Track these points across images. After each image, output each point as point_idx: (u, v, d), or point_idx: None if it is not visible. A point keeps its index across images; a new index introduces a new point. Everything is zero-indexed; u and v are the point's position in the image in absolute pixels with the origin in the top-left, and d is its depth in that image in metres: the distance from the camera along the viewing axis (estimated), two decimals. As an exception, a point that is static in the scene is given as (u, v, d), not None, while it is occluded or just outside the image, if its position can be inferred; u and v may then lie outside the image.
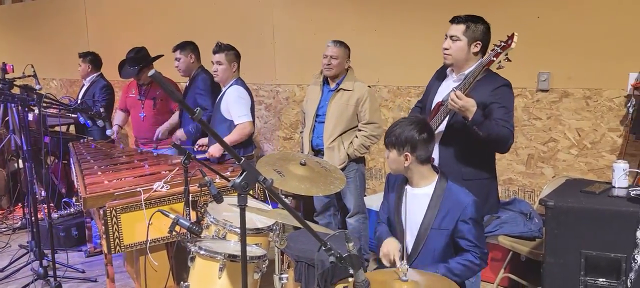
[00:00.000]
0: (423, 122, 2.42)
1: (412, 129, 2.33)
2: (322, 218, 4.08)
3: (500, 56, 2.51)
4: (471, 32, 2.67)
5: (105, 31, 6.96)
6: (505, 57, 2.51)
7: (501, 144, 2.61)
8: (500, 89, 2.64)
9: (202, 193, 3.18)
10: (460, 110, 2.52)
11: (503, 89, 2.65)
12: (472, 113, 2.49)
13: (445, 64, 2.81)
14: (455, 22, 2.71)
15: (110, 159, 4.05)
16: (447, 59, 2.74)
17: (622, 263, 2.43)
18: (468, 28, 2.67)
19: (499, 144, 2.61)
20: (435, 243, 2.33)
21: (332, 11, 4.78)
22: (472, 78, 2.56)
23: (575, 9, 3.54)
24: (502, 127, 2.55)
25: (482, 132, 2.50)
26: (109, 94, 5.25)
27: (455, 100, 2.50)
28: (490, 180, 2.80)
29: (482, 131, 2.50)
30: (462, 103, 2.49)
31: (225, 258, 2.29)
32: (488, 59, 2.55)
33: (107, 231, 3.07)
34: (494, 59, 2.52)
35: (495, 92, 2.62)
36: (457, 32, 2.68)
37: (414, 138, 2.31)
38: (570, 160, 3.69)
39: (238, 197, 1.51)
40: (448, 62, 2.75)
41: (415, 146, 2.32)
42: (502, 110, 2.59)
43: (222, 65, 3.88)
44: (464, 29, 2.67)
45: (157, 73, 1.26)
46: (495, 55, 2.52)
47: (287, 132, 5.35)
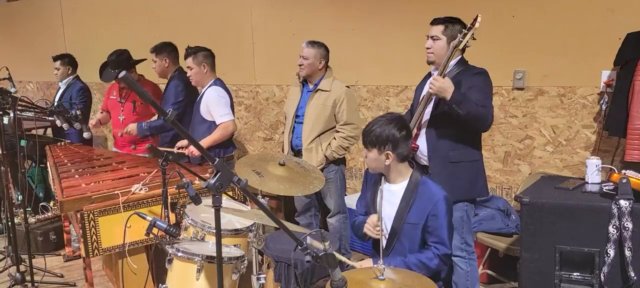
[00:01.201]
0: (401, 119, 2.46)
1: (392, 127, 2.35)
2: (303, 219, 4.08)
3: (467, 37, 2.73)
4: (449, 31, 2.88)
5: (82, 33, 6.88)
6: (472, 37, 2.75)
7: (481, 122, 2.79)
8: (475, 75, 2.85)
9: (181, 195, 3.17)
10: (438, 92, 2.70)
11: (478, 75, 2.86)
12: (449, 93, 2.67)
13: (427, 61, 2.99)
14: (435, 23, 2.93)
15: (88, 162, 4.01)
16: (430, 57, 2.96)
17: (596, 257, 2.47)
18: (447, 28, 2.88)
19: (479, 121, 2.78)
20: (409, 237, 2.36)
21: (311, 12, 4.79)
22: (446, 60, 2.78)
23: (550, 9, 3.59)
24: (480, 107, 2.73)
25: (461, 110, 2.68)
26: (87, 96, 5.19)
27: (434, 83, 2.70)
28: (478, 162, 2.97)
29: (461, 109, 2.68)
30: (439, 84, 2.68)
31: (203, 259, 2.28)
32: (457, 41, 2.77)
33: (85, 235, 3.04)
34: (462, 39, 2.74)
35: (471, 78, 2.82)
36: (437, 32, 2.90)
37: (395, 136, 2.34)
38: (546, 157, 3.74)
39: (212, 198, 1.51)
40: (430, 60, 2.96)
41: (397, 144, 2.35)
42: (478, 93, 2.77)
43: (193, 69, 3.88)
44: (443, 28, 2.89)
45: (126, 75, 1.25)
46: (463, 36, 2.74)
47: (267, 132, 5.35)
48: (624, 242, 2.35)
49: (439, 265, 2.35)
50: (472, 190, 2.95)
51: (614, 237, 2.38)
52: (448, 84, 2.68)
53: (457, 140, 2.87)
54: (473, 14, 3.49)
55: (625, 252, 2.35)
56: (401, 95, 4.35)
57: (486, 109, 2.77)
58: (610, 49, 3.29)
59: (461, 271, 2.95)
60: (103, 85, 6.21)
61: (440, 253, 2.34)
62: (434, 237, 2.35)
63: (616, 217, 2.37)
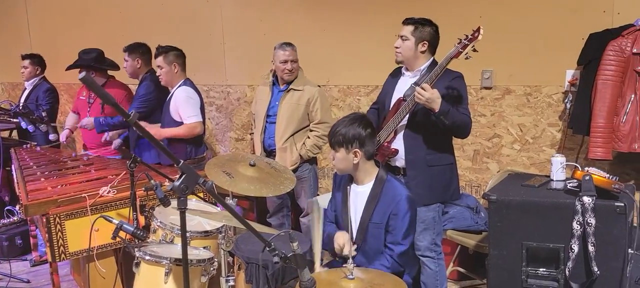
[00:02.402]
0: (365, 117, 2.51)
1: (357, 126, 2.38)
2: (275, 219, 4.07)
3: (468, 48, 2.69)
4: (419, 32, 2.89)
5: (49, 32, 6.72)
6: (473, 49, 2.70)
7: (462, 130, 2.85)
8: (455, 80, 2.86)
9: (150, 197, 3.13)
10: (426, 102, 2.68)
11: (457, 80, 2.88)
12: (438, 104, 2.66)
13: (396, 61, 3.01)
14: (406, 24, 2.94)
15: (54, 165, 3.92)
16: (397, 56, 2.97)
17: (561, 253, 2.52)
18: (416, 29, 2.89)
19: (461, 130, 2.84)
20: (375, 237, 2.38)
21: (281, 12, 4.78)
22: (439, 69, 2.75)
23: (516, 9, 3.66)
24: (463, 114, 2.77)
25: (447, 121, 2.70)
26: (53, 97, 5.07)
27: (422, 93, 2.66)
28: (453, 166, 3.03)
29: (448, 120, 2.69)
30: (428, 95, 2.65)
31: (171, 262, 2.26)
32: (455, 51, 2.73)
33: (51, 239, 2.98)
34: (461, 50, 2.70)
35: (450, 83, 2.84)
36: (407, 32, 2.91)
37: (361, 134, 2.37)
38: (513, 155, 3.81)
39: (178, 201, 1.49)
40: (398, 59, 2.98)
41: (363, 142, 2.38)
42: (460, 100, 2.81)
43: (163, 69, 3.83)
44: (413, 29, 2.90)
45: (87, 75, 1.23)
46: (463, 47, 2.70)
47: (239, 133, 5.32)
48: (587, 238, 2.40)
49: (394, 267, 2.37)
50: (447, 193, 3.01)
51: (578, 233, 2.44)
52: (436, 94, 2.67)
53: (434, 144, 2.91)
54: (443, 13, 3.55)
55: (588, 247, 2.41)
56: (372, 95, 4.37)
57: (468, 117, 2.83)
58: (574, 49, 3.36)
59: (430, 271, 2.98)
60: (70, 85, 6.11)
61: (394, 254, 2.36)
62: (392, 236, 2.37)
63: (580, 213, 2.42)
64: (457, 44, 2.74)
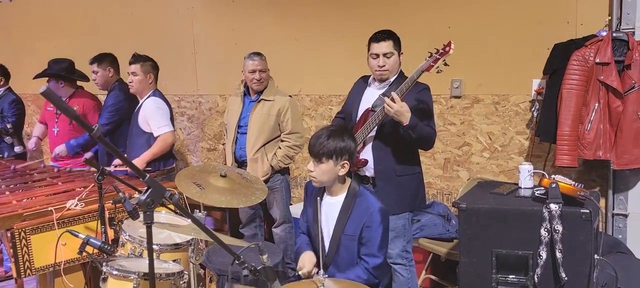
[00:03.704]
0: (350, 131, 2.49)
1: (347, 138, 2.38)
2: (247, 230, 4.04)
3: (439, 62, 2.70)
4: (397, 44, 2.92)
5: (14, 42, 6.57)
6: (444, 63, 2.71)
7: (428, 143, 2.89)
8: (422, 92, 2.88)
9: (119, 210, 3.07)
10: (395, 115, 2.68)
11: (424, 92, 2.90)
12: (407, 118, 2.67)
13: (380, 79, 2.97)
14: (383, 40, 2.89)
15: (20, 177, 3.82)
16: (384, 74, 2.93)
17: (529, 259, 2.55)
18: (395, 42, 2.90)
19: (426, 143, 2.88)
20: (347, 249, 2.37)
21: (252, 21, 4.77)
22: (410, 82, 2.74)
23: (484, 20, 3.72)
24: (428, 128, 2.81)
25: (414, 135, 2.71)
26: (19, 108, 4.94)
27: (392, 105, 2.66)
28: (420, 174, 3.07)
29: (415, 133, 2.71)
30: (397, 107, 2.66)
31: (140, 277, 2.21)
32: (427, 64, 2.73)
33: (16, 254, 2.89)
34: (433, 64, 2.71)
35: (418, 95, 2.85)
36: (389, 48, 2.88)
37: (351, 146, 2.37)
38: (483, 163, 3.87)
39: (144, 215, 1.47)
40: (384, 77, 2.94)
41: (352, 155, 2.37)
42: (426, 113, 2.84)
43: (137, 76, 3.78)
44: (393, 43, 2.89)
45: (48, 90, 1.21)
46: (434, 61, 2.70)
47: (211, 143, 5.28)
48: (554, 244, 2.44)
49: (369, 279, 2.36)
50: (415, 201, 3.05)
51: (546, 240, 2.47)
52: (406, 108, 2.68)
53: (403, 155, 2.93)
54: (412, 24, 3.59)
55: (556, 253, 2.44)
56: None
57: (433, 130, 2.88)
58: (540, 59, 3.44)
59: (402, 278, 3.00)
60: (38, 96, 5.97)
61: (369, 266, 2.35)
62: (366, 248, 2.36)
63: (547, 220, 2.45)
64: (428, 58, 2.74)
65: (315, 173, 2.38)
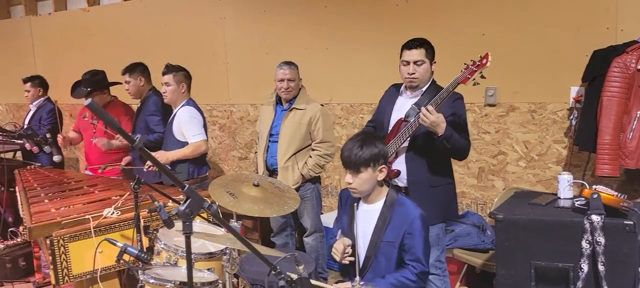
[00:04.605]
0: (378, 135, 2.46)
1: (379, 143, 2.36)
2: (279, 239, 4.04)
3: (475, 74, 2.66)
4: (430, 53, 2.88)
5: (53, 54, 6.76)
6: (480, 75, 2.67)
7: (462, 154, 2.85)
8: (456, 102, 2.84)
9: (154, 218, 3.10)
10: (430, 126, 2.65)
11: (458, 102, 2.86)
12: (442, 129, 2.64)
13: (410, 86, 2.94)
14: (415, 47, 2.86)
15: (58, 186, 3.91)
16: (414, 82, 2.89)
17: (570, 272, 2.49)
18: (427, 50, 2.86)
19: (461, 154, 2.84)
20: (385, 256, 2.35)
21: (284, 30, 4.80)
22: (445, 94, 2.71)
23: (518, 27, 3.66)
24: (463, 139, 2.77)
25: (449, 146, 2.68)
26: (56, 117, 5.08)
27: (427, 116, 2.63)
28: (452, 186, 3.02)
29: (449, 144, 2.67)
30: (433, 118, 2.63)
31: (175, 285, 2.23)
32: (463, 76, 2.69)
33: (55, 261, 2.95)
34: (469, 76, 2.67)
35: (452, 105, 2.81)
36: (421, 56, 2.85)
37: (384, 151, 2.36)
38: (519, 172, 3.79)
39: (183, 225, 1.47)
40: (414, 85, 2.91)
41: (387, 157, 2.38)
42: (461, 124, 2.81)
43: (170, 86, 3.83)
44: (425, 52, 2.86)
45: (93, 102, 1.22)
46: (470, 73, 2.66)
47: (242, 151, 5.31)
48: (597, 257, 2.37)
49: (417, 283, 2.34)
50: (448, 212, 3.02)
51: (587, 252, 2.41)
52: (441, 118, 2.64)
53: (436, 165, 2.90)
54: (445, 32, 3.54)
55: (598, 266, 2.37)
56: (376, 113, 4.37)
57: (468, 141, 2.84)
58: (578, 66, 3.36)
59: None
60: (75, 106, 6.12)
61: (417, 272, 2.33)
62: (410, 255, 2.34)
63: (589, 232, 2.39)
64: (464, 69, 2.70)
65: (354, 185, 2.34)
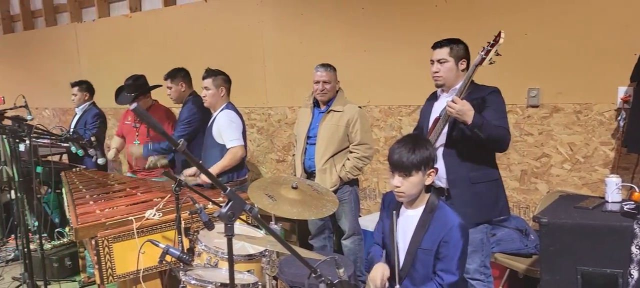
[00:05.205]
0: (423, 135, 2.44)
1: (429, 145, 2.32)
2: (317, 241, 4.05)
3: (491, 53, 2.64)
4: (455, 52, 2.85)
5: (97, 59, 6.96)
6: (496, 53, 2.65)
7: (500, 143, 2.75)
8: (489, 95, 2.80)
9: (194, 220, 3.15)
10: (458, 115, 2.63)
11: (492, 95, 2.81)
12: (470, 116, 2.60)
13: (436, 85, 2.95)
14: (438, 47, 2.88)
15: (102, 188, 4.02)
16: (438, 80, 2.90)
17: (619, 278, 2.41)
18: (452, 49, 2.85)
19: (498, 143, 2.75)
20: (423, 264, 2.31)
21: (321, 33, 4.81)
22: (466, 80, 2.70)
23: (562, 26, 3.56)
24: (498, 127, 2.69)
25: (482, 134, 2.62)
26: (101, 121, 5.23)
27: (453, 106, 2.61)
28: (498, 181, 2.92)
29: (483, 132, 2.62)
30: (458, 107, 2.60)
31: (216, 287, 2.26)
32: (479, 59, 2.67)
33: (99, 261, 3.03)
34: (484, 56, 2.65)
35: (486, 98, 2.78)
36: (443, 54, 2.85)
37: (434, 154, 2.33)
38: (563, 175, 3.68)
39: (225, 228, 1.49)
40: (439, 83, 2.91)
41: (435, 161, 2.35)
42: (495, 113, 2.74)
43: (210, 91, 3.89)
44: (449, 50, 2.85)
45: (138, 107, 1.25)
46: (486, 53, 2.65)
47: (280, 154, 5.34)
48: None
49: None
50: (494, 210, 2.90)
51: (638, 258, 2.31)
52: (467, 106, 2.61)
53: (477, 160, 2.83)
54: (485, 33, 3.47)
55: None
56: (414, 115, 4.32)
57: (505, 129, 2.75)
58: (626, 65, 3.24)
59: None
60: (117, 110, 6.28)
61: (444, 283, 2.26)
62: (442, 264, 2.27)
63: (639, 237, 2.30)
64: (481, 52, 2.69)
65: (403, 188, 2.29)
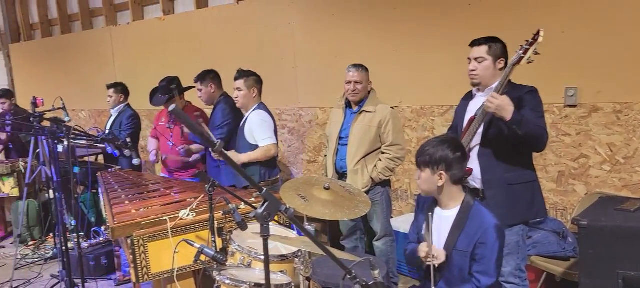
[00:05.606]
0: (456, 140, 2.43)
1: (446, 148, 2.31)
2: (348, 242, 4.03)
3: (529, 52, 2.61)
4: (493, 50, 2.81)
5: (131, 62, 7.10)
6: (534, 52, 2.61)
7: (538, 142, 2.70)
8: (526, 95, 2.75)
9: (228, 220, 3.18)
10: (497, 111, 2.60)
11: (529, 94, 2.76)
12: (509, 112, 2.57)
13: (472, 83, 2.92)
14: (477, 45, 2.85)
15: (137, 188, 4.08)
16: (475, 79, 2.87)
17: (663, 283, 2.33)
18: (490, 48, 2.81)
19: (536, 141, 2.69)
20: (458, 266, 2.28)
21: (352, 33, 4.79)
22: (504, 78, 2.67)
23: (601, 23, 3.47)
24: (536, 126, 2.65)
25: (521, 131, 2.58)
26: (135, 123, 5.33)
27: (492, 101, 2.59)
28: (534, 183, 2.86)
29: (521, 129, 2.58)
30: (498, 102, 2.57)
31: (251, 287, 2.27)
32: (517, 57, 2.64)
33: (135, 260, 3.08)
34: (523, 55, 2.62)
35: (524, 97, 2.73)
36: (481, 53, 2.82)
37: (448, 156, 2.30)
38: (603, 177, 3.58)
39: (261, 228, 1.49)
40: (476, 82, 2.88)
41: (451, 165, 2.31)
42: (532, 112, 2.69)
43: (242, 91, 3.92)
44: (487, 49, 2.81)
45: (176, 108, 1.26)
46: (524, 52, 2.62)
47: (311, 155, 5.35)
48: (694, 268, 2.20)
49: None
50: (530, 212, 2.84)
51: (683, 262, 2.24)
52: (507, 101, 2.58)
53: (512, 161, 2.77)
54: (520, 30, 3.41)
55: (695, 278, 2.20)
56: (446, 115, 4.27)
57: (543, 128, 2.70)
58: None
59: (515, 299, 2.83)
60: (151, 111, 6.39)
61: (481, 285, 2.24)
62: (479, 266, 2.25)
63: (684, 241, 2.22)
64: (519, 50, 2.65)
65: (419, 182, 2.41)
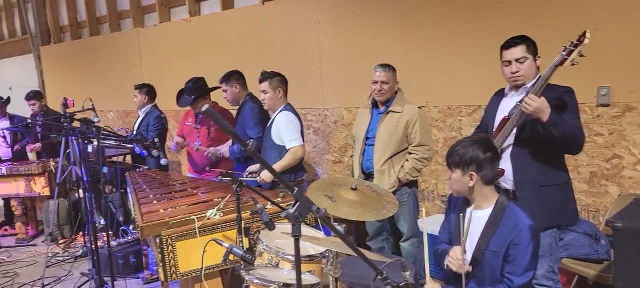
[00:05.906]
0: (487, 141, 2.39)
1: (477, 148, 2.29)
2: (375, 243, 4.01)
3: (574, 54, 2.54)
4: (531, 49, 2.76)
5: (158, 63, 7.19)
6: (579, 54, 2.54)
7: (575, 144, 2.65)
8: (565, 94, 2.70)
9: (255, 220, 3.19)
10: (534, 113, 2.56)
11: (568, 94, 2.71)
12: (547, 114, 2.53)
13: (515, 86, 2.84)
14: (513, 46, 2.77)
15: (165, 188, 4.13)
16: (519, 80, 2.79)
17: (702, 288, 2.26)
18: (528, 47, 2.75)
19: (574, 143, 2.64)
20: (490, 266, 2.25)
21: (378, 34, 4.77)
22: (544, 80, 2.61)
23: (635, 20, 3.38)
24: (573, 127, 2.60)
25: (558, 132, 2.54)
26: (162, 124, 5.38)
27: (530, 104, 2.54)
28: (567, 186, 2.81)
29: (558, 131, 2.53)
30: (536, 105, 2.53)
31: (279, 287, 2.27)
32: (560, 59, 2.58)
33: (164, 259, 3.12)
34: (566, 57, 2.55)
35: (561, 96, 2.68)
36: (522, 52, 2.75)
37: (479, 157, 2.27)
38: (637, 178, 3.49)
39: (292, 228, 1.49)
40: (520, 83, 2.80)
41: (481, 165, 2.28)
42: (570, 113, 2.65)
43: (268, 94, 3.92)
44: (526, 48, 2.75)
45: (210, 108, 1.27)
46: (568, 54, 2.55)
47: (337, 155, 5.33)
48: None
49: None
50: (563, 216, 2.79)
51: None
52: (545, 104, 2.53)
53: (545, 163, 2.72)
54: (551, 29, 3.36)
55: None
56: (474, 115, 4.21)
57: (580, 129, 2.65)
58: None
59: (548, 301, 2.77)
60: (178, 112, 6.47)
61: (513, 286, 2.20)
62: (511, 266, 2.21)
63: None
64: (562, 52, 2.58)
65: (450, 182, 2.39)
